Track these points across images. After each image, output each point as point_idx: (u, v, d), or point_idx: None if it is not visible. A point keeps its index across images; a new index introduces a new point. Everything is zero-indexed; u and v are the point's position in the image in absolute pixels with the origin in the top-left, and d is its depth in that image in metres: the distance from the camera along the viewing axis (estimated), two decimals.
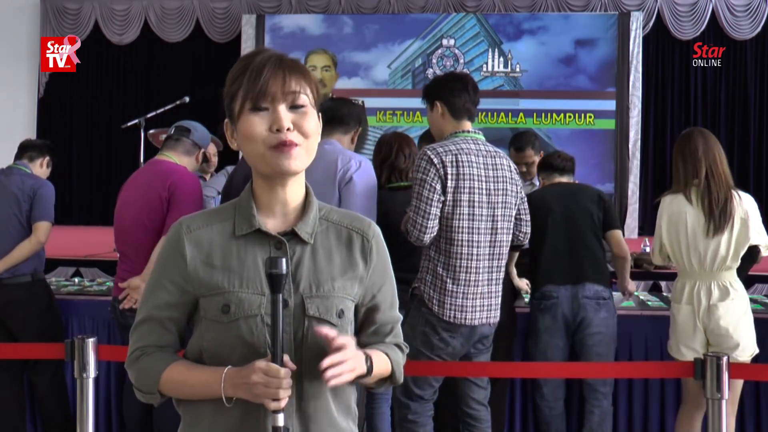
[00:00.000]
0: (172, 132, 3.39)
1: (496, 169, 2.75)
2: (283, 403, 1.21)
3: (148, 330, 1.35)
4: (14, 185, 3.54)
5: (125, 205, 3.27)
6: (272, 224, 1.34)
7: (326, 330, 1.25)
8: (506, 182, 2.76)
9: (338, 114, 3.01)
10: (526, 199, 2.91)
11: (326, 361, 1.22)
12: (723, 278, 2.92)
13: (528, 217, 2.89)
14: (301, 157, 1.29)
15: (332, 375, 1.22)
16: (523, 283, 3.65)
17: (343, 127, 3.01)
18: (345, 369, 1.23)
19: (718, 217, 2.90)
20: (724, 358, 2.31)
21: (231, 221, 1.34)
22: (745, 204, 2.94)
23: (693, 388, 2.92)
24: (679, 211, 2.98)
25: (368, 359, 1.32)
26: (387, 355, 1.40)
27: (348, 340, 1.26)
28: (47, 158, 3.81)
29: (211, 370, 1.28)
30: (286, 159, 1.28)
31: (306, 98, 1.30)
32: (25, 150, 3.77)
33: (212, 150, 4.60)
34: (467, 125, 2.80)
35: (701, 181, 2.94)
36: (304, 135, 1.29)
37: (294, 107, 1.29)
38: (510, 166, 2.81)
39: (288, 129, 1.27)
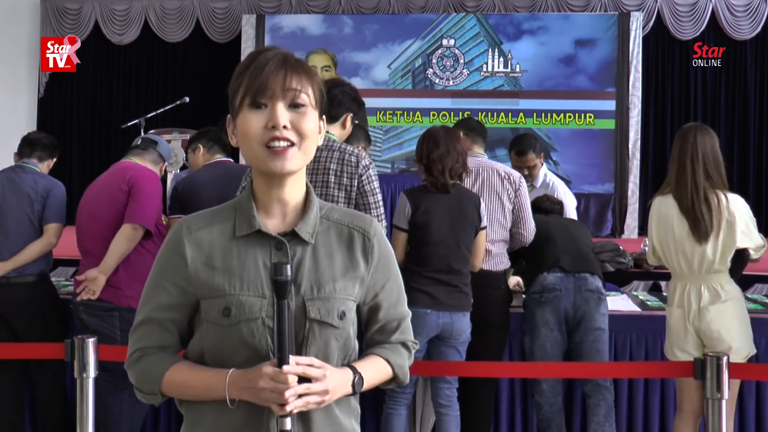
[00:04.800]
0: (139, 142, 3.63)
1: (316, 161, 2.67)
2: (290, 408, 1.22)
3: (148, 331, 1.35)
4: (27, 185, 3.52)
5: (84, 203, 3.42)
6: (272, 224, 1.34)
7: (306, 360, 1.26)
8: (328, 174, 2.69)
9: None
10: (377, 192, 2.77)
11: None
12: (713, 281, 2.89)
13: (377, 212, 2.75)
14: (296, 158, 1.28)
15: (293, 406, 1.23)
16: (515, 280, 3.67)
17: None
18: (310, 400, 1.25)
19: (702, 223, 2.86)
20: (724, 358, 2.30)
21: (231, 222, 1.34)
22: (732, 207, 2.88)
23: (689, 392, 2.92)
24: (667, 215, 2.95)
25: (356, 375, 1.33)
26: (387, 359, 1.41)
27: (323, 368, 1.26)
28: (54, 159, 3.79)
29: (215, 372, 1.28)
30: (279, 160, 1.27)
31: (306, 98, 1.29)
32: (34, 149, 3.70)
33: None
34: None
35: (689, 184, 2.89)
36: (301, 135, 1.28)
37: (293, 106, 1.28)
38: (344, 160, 2.71)
39: (285, 127, 1.26)
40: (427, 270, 3.03)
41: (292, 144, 1.27)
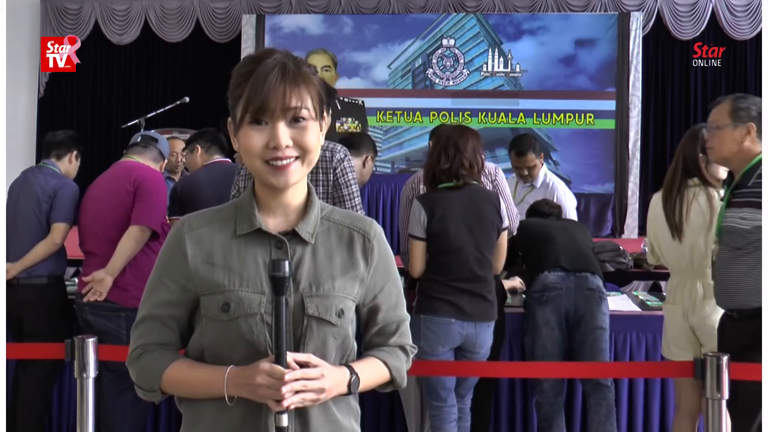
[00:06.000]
0: (138, 140, 3.55)
1: None
2: (286, 404, 1.22)
3: (149, 328, 1.36)
4: (37, 184, 3.48)
5: (87, 203, 3.38)
6: (273, 224, 1.35)
7: (304, 356, 1.27)
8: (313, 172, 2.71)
9: (350, 141, 3.23)
10: (351, 184, 2.77)
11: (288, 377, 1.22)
12: (708, 276, 2.88)
13: (352, 203, 2.75)
14: (298, 171, 1.30)
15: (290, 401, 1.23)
16: (517, 282, 3.66)
17: (354, 151, 3.15)
18: (306, 396, 1.25)
19: (671, 220, 2.90)
20: (725, 358, 2.30)
21: (232, 220, 1.35)
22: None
23: (687, 392, 2.92)
24: (661, 212, 2.99)
25: (353, 375, 1.33)
26: (385, 362, 1.41)
27: (320, 366, 1.27)
28: (74, 152, 3.69)
29: (213, 369, 1.29)
30: (282, 176, 1.28)
31: (306, 111, 1.29)
32: (51, 148, 3.65)
33: (179, 148, 4.59)
34: None
35: (668, 183, 2.94)
36: (303, 149, 1.29)
37: (294, 120, 1.28)
38: (323, 157, 2.74)
39: (286, 146, 1.27)
40: (450, 279, 2.94)
41: (296, 157, 1.29)
